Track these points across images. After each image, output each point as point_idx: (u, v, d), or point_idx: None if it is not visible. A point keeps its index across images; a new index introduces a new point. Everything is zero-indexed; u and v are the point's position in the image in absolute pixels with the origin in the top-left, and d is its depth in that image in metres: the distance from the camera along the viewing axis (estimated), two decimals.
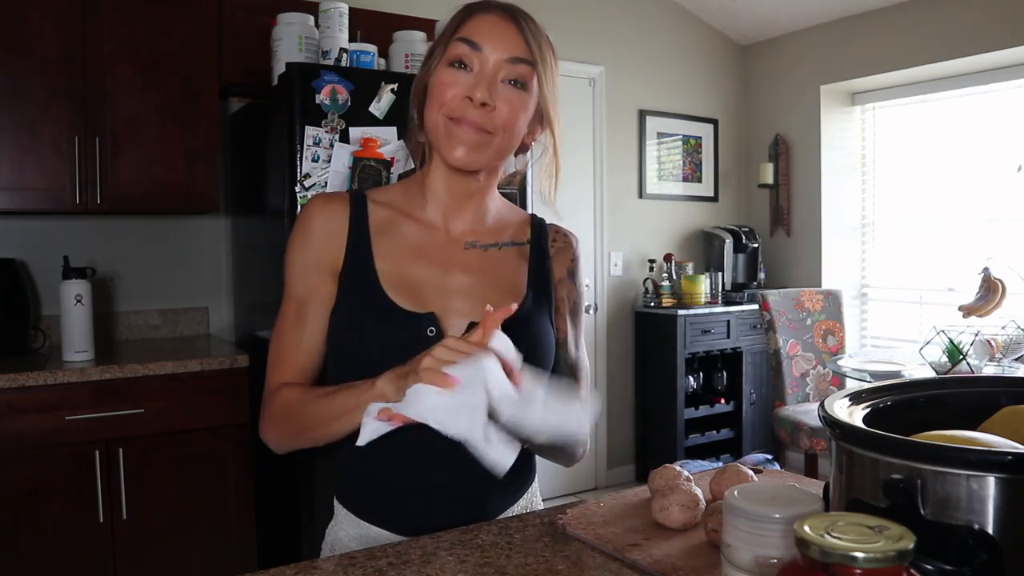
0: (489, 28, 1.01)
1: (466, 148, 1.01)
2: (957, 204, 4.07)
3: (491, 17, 1.03)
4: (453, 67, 1.01)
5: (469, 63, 1.01)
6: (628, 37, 4.31)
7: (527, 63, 1.02)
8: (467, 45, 1.01)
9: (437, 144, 1.04)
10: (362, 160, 2.38)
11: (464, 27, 1.02)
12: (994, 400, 0.78)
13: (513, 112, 1.02)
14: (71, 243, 2.84)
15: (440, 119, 1.02)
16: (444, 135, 1.02)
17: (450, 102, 1.00)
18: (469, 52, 1.01)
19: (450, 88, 1.01)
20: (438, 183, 1.09)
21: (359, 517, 1.09)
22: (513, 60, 1.01)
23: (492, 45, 1.01)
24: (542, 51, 1.03)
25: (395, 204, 1.10)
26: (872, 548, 0.47)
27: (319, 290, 1.05)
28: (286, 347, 1.06)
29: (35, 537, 2.28)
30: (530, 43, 1.02)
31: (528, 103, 1.04)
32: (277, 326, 1.09)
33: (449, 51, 1.02)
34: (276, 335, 1.08)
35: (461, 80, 1.01)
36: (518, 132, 1.05)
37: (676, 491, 0.97)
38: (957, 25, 3.77)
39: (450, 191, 1.09)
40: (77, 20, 2.54)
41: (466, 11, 1.04)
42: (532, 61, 1.02)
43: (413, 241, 1.08)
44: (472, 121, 1.00)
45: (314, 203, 1.09)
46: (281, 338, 1.07)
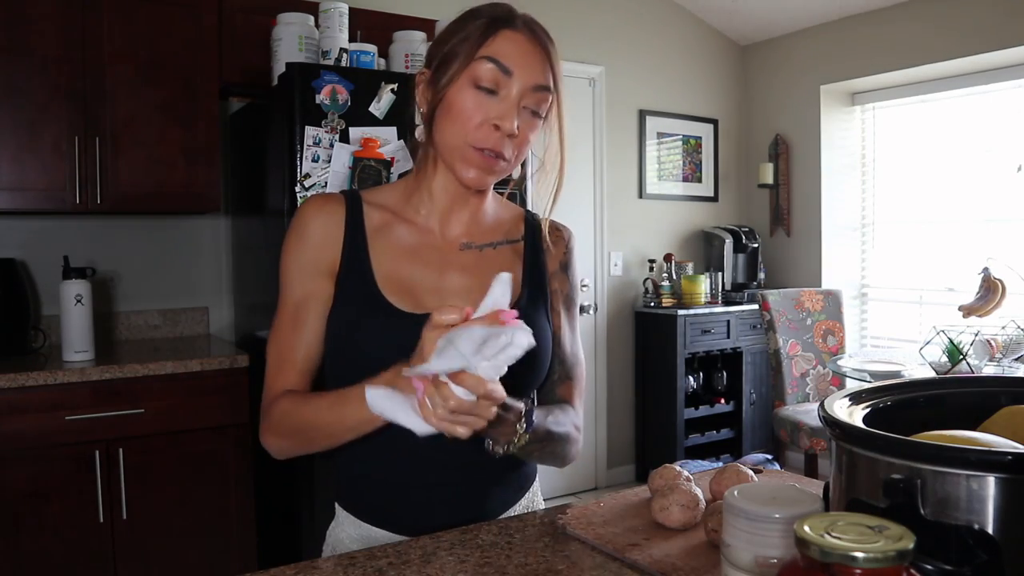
0: (519, 52, 1.00)
1: (479, 171, 1.02)
2: (957, 204, 4.07)
3: (519, 37, 1.01)
4: (479, 89, 0.99)
5: (497, 87, 1.00)
6: (628, 37, 4.31)
7: (547, 90, 1.02)
8: (498, 69, 0.99)
9: (450, 162, 1.04)
10: (362, 160, 2.38)
11: (491, 44, 1.00)
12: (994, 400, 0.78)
13: (526, 140, 1.03)
14: (71, 243, 2.84)
15: (459, 140, 1.01)
16: (460, 157, 1.02)
17: (476, 130, 1.00)
18: (499, 77, 0.99)
19: (476, 113, 0.99)
20: (438, 188, 1.09)
21: (359, 518, 1.09)
22: (537, 88, 1.01)
23: (521, 72, 1.00)
24: (559, 75, 1.04)
25: (390, 206, 1.10)
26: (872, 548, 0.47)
27: (316, 292, 1.05)
28: (285, 352, 1.05)
29: (35, 537, 2.28)
30: (554, 69, 1.03)
31: (539, 129, 1.05)
32: (274, 330, 1.08)
33: (475, 70, 0.99)
34: (274, 340, 1.07)
35: (487, 106, 0.99)
36: (526, 154, 1.06)
37: (676, 491, 0.97)
38: (957, 25, 3.77)
39: (449, 196, 1.09)
40: (77, 20, 2.54)
41: (492, 24, 1.01)
42: (552, 88, 1.03)
43: (408, 243, 1.08)
44: (493, 149, 1.00)
45: (309, 205, 1.08)
46: (280, 343, 1.06)
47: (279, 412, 1.03)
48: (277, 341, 1.07)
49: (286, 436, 1.04)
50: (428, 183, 1.09)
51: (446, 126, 1.02)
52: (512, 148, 1.02)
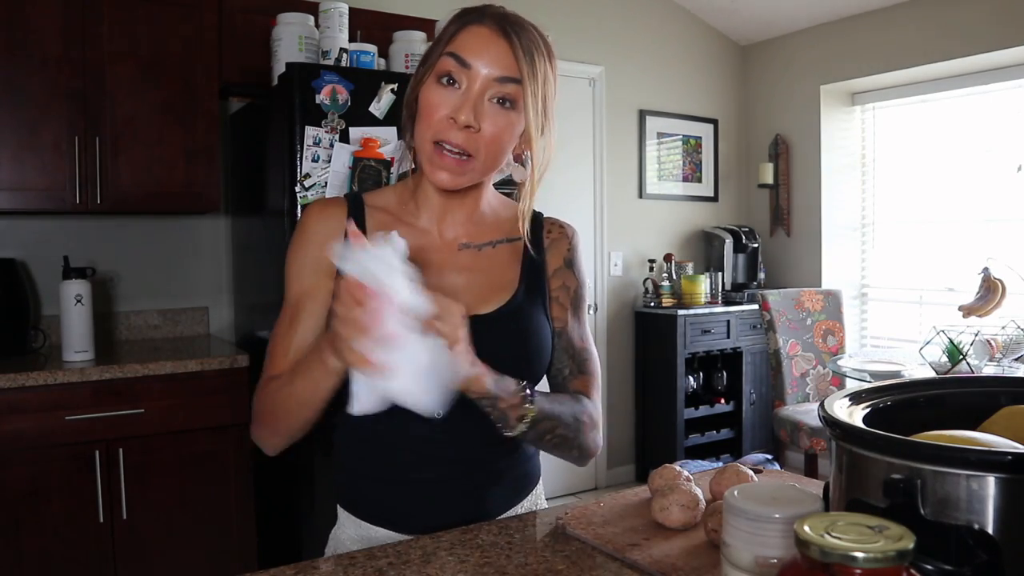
0: (480, 44, 0.99)
1: (448, 173, 1.01)
2: (957, 204, 4.07)
3: (483, 31, 1.00)
4: (441, 84, 1.00)
5: (457, 80, 0.99)
6: (628, 37, 4.31)
7: (515, 81, 1.00)
8: (456, 61, 0.99)
9: (420, 163, 1.04)
10: (362, 160, 2.38)
11: (455, 40, 1.01)
12: (994, 400, 0.78)
13: (497, 133, 1.01)
14: (71, 243, 2.84)
15: (426, 140, 1.01)
16: (427, 158, 1.02)
17: (436, 124, 1.00)
18: (458, 69, 0.99)
19: (437, 109, 0.99)
20: (428, 192, 1.09)
21: (361, 519, 1.09)
22: (502, 79, 0.99)
23: (481, 62, 0.99)
24: (533, 67, 1.01)
25: (390, 209, 1.11)
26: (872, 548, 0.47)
27: (315, 290, 1.05)
28: (278, 346, 1.06)
29: (35, 537, 2.28)
30: (520, 60, 1.00)
31: (515, 122, 1.03)
32: (275, 327, 1.09)
33: (439, 65, 1.01)
34: (272, 336, 1.09)
35: (448, 99, 0.99)
36: (503, 151, 1.04)
37: (676, 491, 0.97)
38: (957, 25, 3.77)
39: (441, 197, 1.09)
40: (77, 20, 2.54)
41: (460, 21, 1.02)
42: (520, 79, 1.00)
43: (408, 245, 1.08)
44: (455, 144, 0.99)
45: (312, 209, 1.10)
46: (276, 337, 1.07)
47: (263, 395, 1.04)
48: (274, 337, 1.08)
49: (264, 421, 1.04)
50: (421, 186, 1.10)
51: (417, 126, 1.03)
52: (478, 143, 1.00)
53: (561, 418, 1.04)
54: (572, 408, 1.07)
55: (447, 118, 0.99)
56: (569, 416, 1.06)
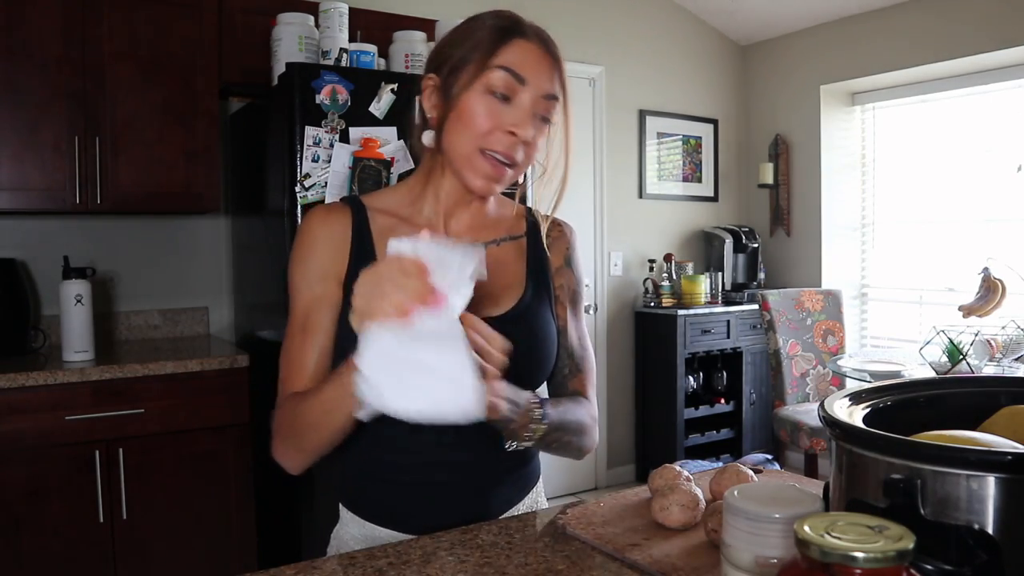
0: (532, 61, 1.02)
1: (488, 180, 1.03)
2: (957, 204, 4.07)
3: (531, 47, 1.02)
4: (492, 95, 1.01)
5: (511, 95, 1.01)
6: (628, 37, 4.31)
7: (555, 99, 1.04)
8: (512, 77, 1.00)
9: (458, 168, 1.04)
10: (362, 160, 2.38)
11: (504, 53, 1.01)
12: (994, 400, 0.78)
13: (535, 147, 1.05)
14: (71, 243, 2.84)
15: (470, 147, 1.01)
16: (468, 163, 1.02)
17: (488, 136, 1.01)
18: (513, 84, 1.01)
19: (489, 119, 1.00)
20: (443, 190, 1.09)
21: (364, 518, 1.09)
22: (547, 97, 1.03)
23: (534, 80, 1.01)
24: (566, 83, 1.06)
25: (392, 210, 1.10)
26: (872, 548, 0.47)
27: (325, 297, 1.04)
28: (296, 359, 1.04)
29: (35, 537, 2.28)
30: (562, 78, 1.05)
31: (545, 136, 1.07)
32: (285, 341, 1.06)
33: (489, 77, 1.00)
34: (284, 349, 1.06)
35: (500, 112, 1.01)
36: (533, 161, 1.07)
37: (676, 491, 0.97)
38: (957, 25, 3.77)
39: (454, 199, 1.09)
40: (77, 20, 2.54)
41: (503, 33, 1.02)
42: (559, 97, 1.05)
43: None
44: (505, 154, 1.01)
45: (314, 215, 1.08)
46: (290, 350, 1.05)
47: (281, 416, 1.02)
48: (287, 350, 1.05)
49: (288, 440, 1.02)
50: (435, 187, 1.09)
51: (457, 132, 1.02)
52: (522, 154, 1.03)
53: (567, 427, 1.06)
54: (576, 414, 1.09)
55: (504, 131, 1.01)
56: (573, 423, 1.08)
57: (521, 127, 1.01)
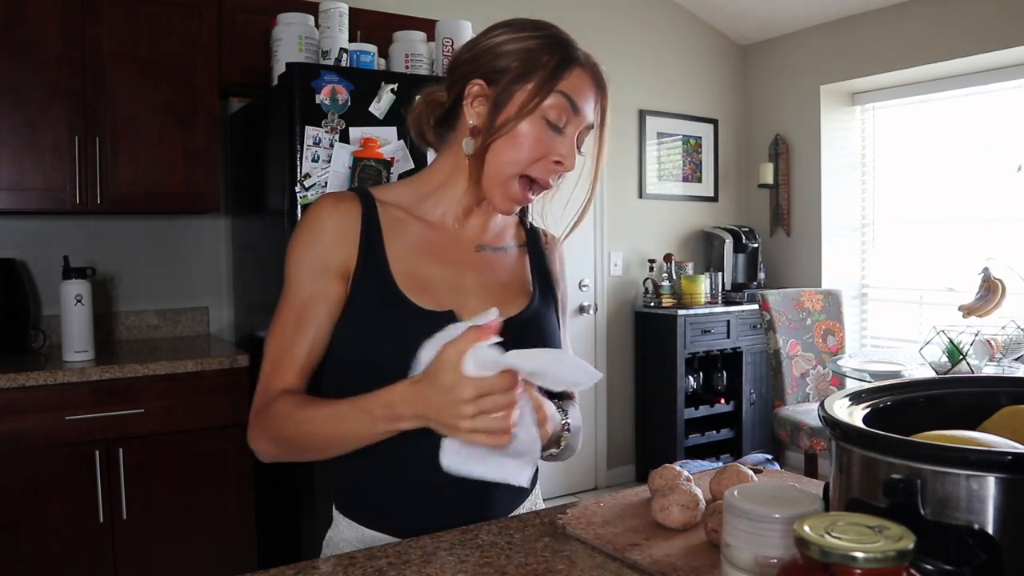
0: (586, 90, 1.03)
1: (515, 203, 1.05)
2: (957, 204, 4.07)
3: (586, 76, 1.04)
4: (548, 122, 1.01)
5: (563, 123, 1.02)
6: (628, 37, 4.31)
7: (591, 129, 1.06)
8: (570, 106, 1.01)
9: (490, 185, 1.03)
10: (362, 160, 2.38)
11: (566, 80, 1.02)
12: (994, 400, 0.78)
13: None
14: (71, 243, 2.84)
15: (513, 170, 1.02)
16: (504, 185, 1.03)
17: (536, 165, 1.02)
18: (569, 113, 1.02)
19: (539, 147, 1.01)
20: (458, 193, 1.08)
21: (359, 522, 1.07)
22: (589, 127, 1.05)
23: (585, 110, 1.03)
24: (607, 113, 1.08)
25: (403, 204, 1.09)
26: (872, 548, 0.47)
27: (326, 292, 1.02)
28: (287, 349, 1.02)
29: (35, 537, 2.28)
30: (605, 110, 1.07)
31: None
32: (275, 327, 1.04)
33: (550, 105, 1.00)
34: (275, 337, 1.04)
35: (550, 141, 1.01)
36: None
37: (676, 491, 0.97)
38: (957, 25, 3.77)
39: (470, 202, 1.09)
40: (77, 20, 2.54)
41: (566, 60, 1.03)
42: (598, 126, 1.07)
43: (424, 241, 1.07)
44: (543, 181, 1.03)
45: (324, 203, 1.06)
46: (282, 340, 1.03)
47: (276, 416, 0.98)
48: (278, 338, 1.03)
49: (279, 442, 1.00)
50: (453, 188, 1.08)
51: (504, 151, 1.01)
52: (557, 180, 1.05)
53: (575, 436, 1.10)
54: (578, 420, 1.13)
55: (551, 161, 1.02)
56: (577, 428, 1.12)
57: (568, 158, 1.02)
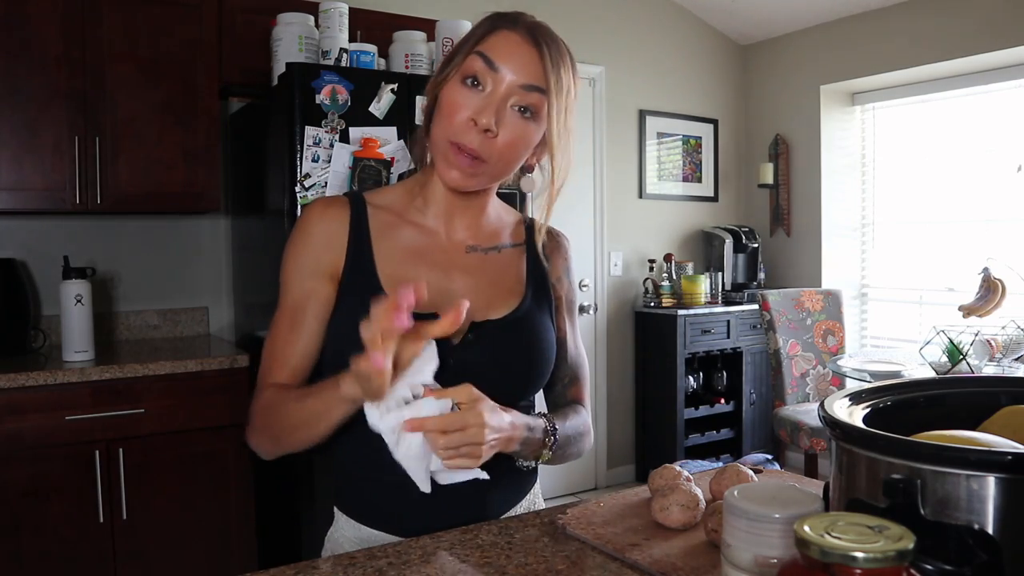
0: (510, 48, 0.99)
1: (460, 173, 1.01)
2: (957, 204, 4.07)
3: (514, 36, 0.99)
4: (465, 85, 0.99)
5: (482, 82, 0.99)
6: (628, 37, 4.31)
7: (540, 91, 1.00)
8: (484, 62, 0.98)
9: (436, 161, 1.04)
10: (362, 160, 2.38)
11: (486, 41, 1.00)
12: (994, 400, 0.78)
13: (513, 142, 1.00)
14: (71, 243, 2.84)
15: (442, 139, 1.00)
16: (442, 156, 1.01)
17: (456, 125, 0.99)
18: (484, 70, 0.98)
19: (459, 109, 0.99)
20: (438, 192, 1.09)
21: (359, 521, 1.08)
22: (527, 87, 0.99)
23: (509, 67, 0.98)
24: (559, 79, 1.00)
25: (394, 208, 1.10)
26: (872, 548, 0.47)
27: (316, 294, 1.04)
28: (280, 351, 1.05)
29: (35, 537, 2.28)
30: (547, 70, 0.99)
31: (533, 133, 1.03)
32: (272, 331, 1.07)
33: (465, 64, 1.00)
34: (270, 340, 1.07)
35: (471, 101, 0.98)
36: (516, 160, 1.04)
37: (676, 491, 0.97)
38: (957, 25, 3.77)
39: (448, 200, 1.09)
40: (77, 20, 2.54)
41: (492, 22, 1.02)
42: (546, 90, 1.00)
43: (413, 244, 1.08)
44: (469, 149, 0.98)
45: (313, 208, 1.08)
46: (275, 342, 1.06)
47: (263, 405, 1.03)
48: (274, 341, 1.06)
49: (265, 431, 1.03)
50: (430, 185, 1.09)
51: (436, 124, 1.02)
52: (492, 148, 0.99)
53: (571, 441, 1.09)
54: (577, 426, 1.11)
55: (468, 120, 0.98)
56: (575, 436, 1.11)
57: (482, 115, 0.97)
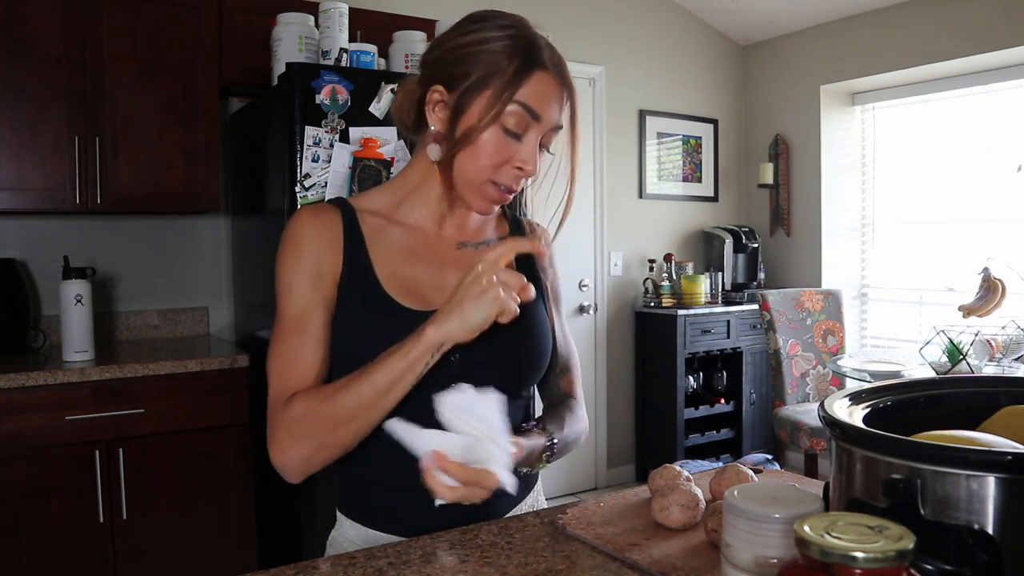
0: (546, 94, 1.01)
1: (492, 204, 1.06)
2: (957, 204, 4.07)
3: (548, 80, 1.01)
4: (508, 132, 1.00)
5: (522, 132, 1.01)
6: (628, 37, 4.31)
7: (560, 128, 1.05)
8: (528, 115, 1.00)
9: (463, 191, 1.04)
10: (362, 160, 2.38)
11: (524, 88, 0.99)
12: (994, 400, 0.78)
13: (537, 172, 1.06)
14: (71, 243, 2.84)
15: (480, 177, 1.02)
16: (476, 190, 1.04)
17: (496, 169, 1.02)
18: (528, 122, 1.01)
19: (500, 154, 1.01)
20: (434, 196, 1.09)
21: (362, 523, 1.08)
22: (554, 129, 1.04)
23: (546, 116, 1.02)
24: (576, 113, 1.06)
25: (381, 211, 1.10)
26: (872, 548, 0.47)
27: (320, 298, 1.03)
28: (294, 358, 1.01)
29: (35, 537, 2.28)
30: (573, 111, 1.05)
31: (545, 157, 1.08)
32: (276, 343, 1.04)
33: (508, 115, 0.99)
34: (277, 351, 1.03)
35: (511, 148, 1.01)
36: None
37: (676, 491, 0.97)
38: (957, 25, 3.77)
39: (446, 205, 1.09)
40: (77, 20, 2.54)
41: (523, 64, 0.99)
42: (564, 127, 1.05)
43: (405, 244, 1.09)
44: (512, 187, 1.04)
45: (304, 215, 1.07)
46: (285, 352, 1.02)
47: (298, 411, 0.97)
48: (281, 352, 1.02)
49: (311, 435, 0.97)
50: (428, 192, 1.09)
51: (467, 160, 1.02)
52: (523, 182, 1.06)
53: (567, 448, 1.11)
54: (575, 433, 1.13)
55: (513, 167, 1.02)
56: (573, 440, 1.12)
57: (529, 164, 1.02)
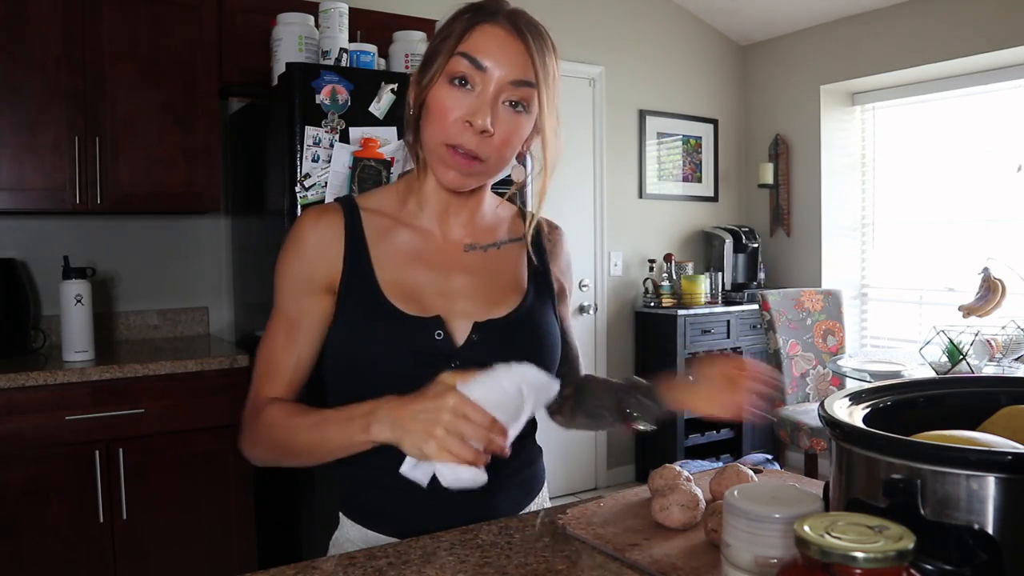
0: (495, 44, 0.96)
1: (458, 173, 1.00)
2: (957, 204, 4.07)
3: (497, 31, 0.97)
4: (453, 85, 0.97)
5: (471, 82, 0.96)
6: (628, 37, 4.31)
7: (530, 85, 0.98)
8: (470, 63, 0.96)
9: (431, 163, 1.02)
10: (362, 160, 2.38)
11: (468, 39, 0.97)
12: (994, 400, 0.78)
13: (509, 137, 0.99)
14: (71, 243, 2.84)
15: (437, 142, 0.99)
16: (438, 158, 1.00)
17: (449, 127, 0.97)
18: (471, 71, 0.96)
19: (450, 111, 0.97)
20: (431, 192, 1.07)
21: (364, 525, 1.07)
22: (517, 83, 0.97)
23: (496, 64, 0.96)
24: (546, 69, 0.99)
25: (388, 211, 1.09)
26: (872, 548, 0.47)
27: (312, 309, 1.04)
28: (276, 361, 1.04)
29: (35, 537, 2.28)
30: (535, 63, 0.98)
31: (525, 125, 1.01)
32: (267, 339, 1.06)
33: (450, 66, 0.97)
34: (266, 348, 1.06)
35: (461, 101, 0.97)
36: (511, 155, 1.03)
37: (676, 491, 0.97)
38: (957, 25, 3.77)
39: (443, 198, 1.07)
40: (77, 20, 2.54)
41: (471, 18, 0.98)
42: (535, 83, 0.98)
43: (410, 247, 1.07)
44: (468, 148, 0.97)
45: (307, 218, 1.06)
46: (272, 352, 1.05)
47: (268, 421, 1.00)
48: (268, 350, 1.05)
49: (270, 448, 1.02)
50: (421, 186, 1.08)
51: (426, 126, 1.01)
52: (490, 147, 0.98)
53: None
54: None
55: (462, 121, 0.96)
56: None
57: (477, 116, 0.96)
